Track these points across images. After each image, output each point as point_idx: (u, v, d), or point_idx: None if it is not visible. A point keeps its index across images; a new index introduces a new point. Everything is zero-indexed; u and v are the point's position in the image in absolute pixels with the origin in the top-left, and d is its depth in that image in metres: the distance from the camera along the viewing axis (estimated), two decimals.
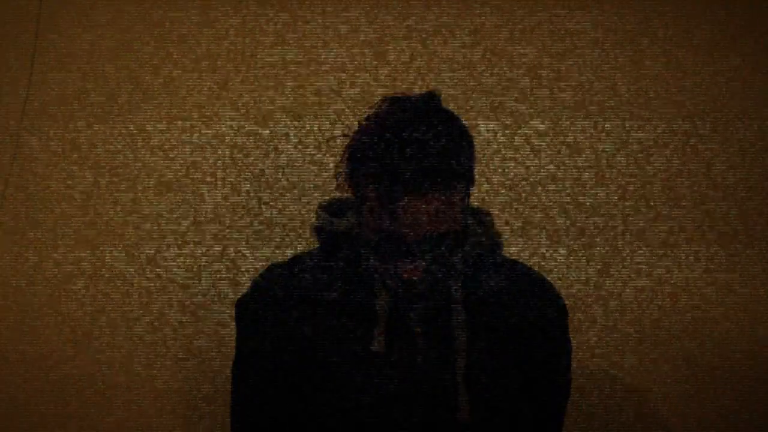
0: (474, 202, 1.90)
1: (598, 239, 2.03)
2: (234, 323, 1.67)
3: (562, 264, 2.02)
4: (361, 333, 1.53)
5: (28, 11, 2.02)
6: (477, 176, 1.58)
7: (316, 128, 2.02)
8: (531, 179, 2.03)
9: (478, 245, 1.57)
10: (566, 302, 1.68)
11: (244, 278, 1.98)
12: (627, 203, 2.04)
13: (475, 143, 1.53)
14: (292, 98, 2.04)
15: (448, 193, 1.44)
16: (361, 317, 1.54)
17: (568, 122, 2.05)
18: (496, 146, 2.04)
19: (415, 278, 1.48)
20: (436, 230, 1.45)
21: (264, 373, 1.58)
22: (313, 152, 2.01)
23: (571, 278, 2.02)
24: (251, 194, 2.01)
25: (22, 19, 2.02)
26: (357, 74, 2.04)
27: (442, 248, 1.48)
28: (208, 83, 2.03)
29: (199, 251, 2.00)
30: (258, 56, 2.04)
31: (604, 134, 2.05)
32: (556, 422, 1.67)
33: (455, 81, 2.05)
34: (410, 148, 1.43)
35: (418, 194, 1.42)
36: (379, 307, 1.53)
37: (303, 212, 2.00)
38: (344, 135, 1.54)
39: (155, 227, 2.00)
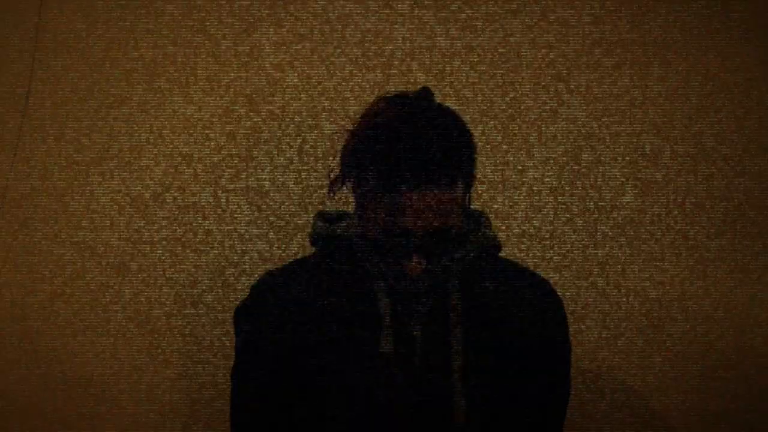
0: (474, 202, 1.90)
1: (598, 239, 2.03)
2: (233, 329, 1.68)
3: (561, 264, 2.02)
4: (364, 336, 1.54)
5: (29, 10, 2.01)
6: (477, 175, 1.60)
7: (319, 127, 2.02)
8: (531, 178, 2.03)
9: (476, 246, 1.59)
10: (565, 302, 1.68)
11: (245, 280, 1.98)
12: (628, 203, 2.03)
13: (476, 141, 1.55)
14: (296, 95, 2.04)
15: (448, 188, 1.46)
16: (363, 320, 1.54)
17: (569, 121, 2.04)
18: (495, 144, 2.04)
19: (417, 272, 1.50)
20: (435, 224, 1.47)
21: (263, 378, 1.59)
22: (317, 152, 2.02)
23: (570, 278, 2.02)
24: (257, 194, 2.01)
25: (23, 18, 2.01)
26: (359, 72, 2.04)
27: (442, 244, 1.50)
28: (214, 80, 2.03)
29: (202, 253, 2.00)
30: (261, 52, 2.04)
31: (605, 134, 2.05)
32: (555, 427, 1.68)
33: (455, 77, 2.05)
34: (410, 142, 1.45)
35: (419, 187, 1.44)
36: (383, 308, 1.53)
37: (304, 215, 2.01)
38: (341, 132, 1.56)
39: (157, 228, 2.00)
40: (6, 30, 2.00)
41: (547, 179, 2.03)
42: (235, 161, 2.01)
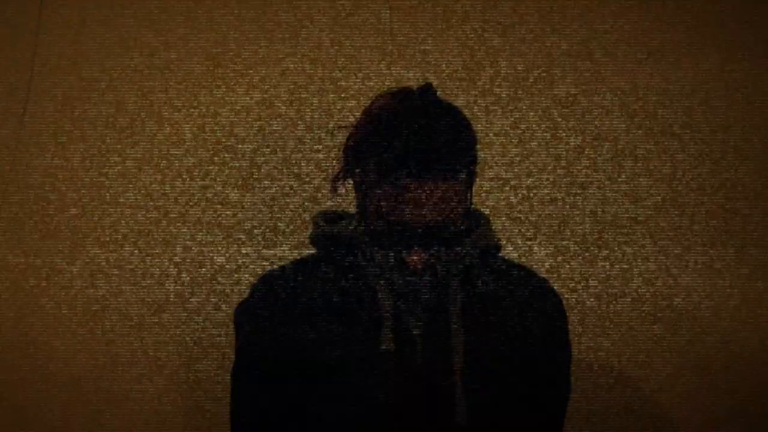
0: (474, 201, 1.90)
1: (598, 239, 2.03)
2: (233, 329, 1.68)
3: (560, 263, 2.02)
4: (365, 335, 1.54)
5: (29, 10, 2.02)
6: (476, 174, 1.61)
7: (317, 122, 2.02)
8: (531, 177, 2.03)
9: (476, 245, 1.59)
10: (565, 301, 1.69)
11: (245, 280, 1.98)
12: (626, 200, 2.03)
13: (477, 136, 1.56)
14: (297, 90, 2.04)
15: (449, 180, 1.48)
16: (364, 319, 1.55)
17: (569, 121, 2.04)
18: (495, 142, 2.04)
19: (419, 266, 1.51)
20: (436, 217, 1.48)
21: (263, 378, 1.59)
22: (315, 146, 2.02)
23: (570, 277, 2.02)
24: (257, 194, 2.01)
25: (23, 19, 2.01)
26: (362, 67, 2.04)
27: (443, 238, 1.51)
28: (213, 80, 2.03)
29: (202, 253, 2.00)
30: (263, 48, 2.04)
31: (606, 134, 2.05)
32: (556, 426, 1.68)
33: (455, 74, 2.05)
34: (411, 135, 1.46)
35: (420, 178, 1.45)
36: (384, 306, 1.54)
37: (305, 216, 2.01)
38: (344, 126, 1.57)
39: (157, 228, 2.00)
40: (6, 30, 2.01)
41: (547, 179, 2.03)
42: (236, 161, 2.01)
